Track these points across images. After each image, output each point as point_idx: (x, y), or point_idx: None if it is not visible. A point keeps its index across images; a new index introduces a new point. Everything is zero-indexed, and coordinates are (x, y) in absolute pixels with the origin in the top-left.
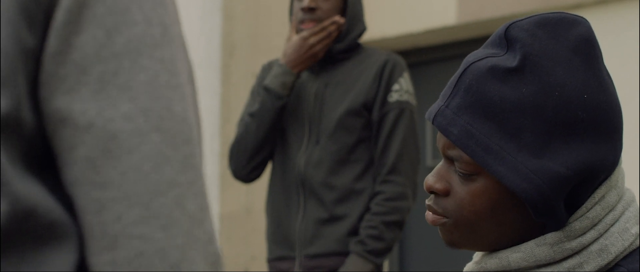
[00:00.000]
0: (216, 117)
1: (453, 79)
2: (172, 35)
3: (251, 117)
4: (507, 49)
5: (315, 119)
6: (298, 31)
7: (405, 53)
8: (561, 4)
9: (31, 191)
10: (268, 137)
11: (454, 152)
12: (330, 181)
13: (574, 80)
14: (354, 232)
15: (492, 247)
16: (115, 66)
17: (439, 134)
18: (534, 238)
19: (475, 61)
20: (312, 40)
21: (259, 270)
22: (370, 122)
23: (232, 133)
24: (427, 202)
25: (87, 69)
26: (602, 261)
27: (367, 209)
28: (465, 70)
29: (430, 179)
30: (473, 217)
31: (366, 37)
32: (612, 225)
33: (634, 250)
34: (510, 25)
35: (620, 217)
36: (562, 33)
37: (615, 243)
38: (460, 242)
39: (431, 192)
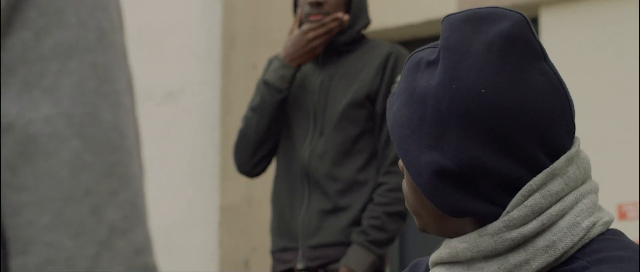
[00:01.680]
0: (216, 109)
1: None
2: (110, 41)
3: (252, 111)
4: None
5: (320, 111)
6: (303, 24)
7: (406, 44)
8: None
9: None
10: (270, 131)
11: None
12: (334, 172)
13: (475, 75)
14: (356, 222)
15: (450, 234)
16: (42, 68)
17: None
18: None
19: (415, 53)
20: (311, 35)
21: (260, 261)
22: (373, 114)
23: (232, 125)
24: None
25: (13, 71)
26: (549, 257)
27: (370, 200)
28: (407, 60)
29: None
30: (412, 209)
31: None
32: (561, 218)
33: (593, 239)
34: (444, 18)
35: (571, 209)
36: (483, 28)
37: (563, 239)
38: (424, 229)
39: None
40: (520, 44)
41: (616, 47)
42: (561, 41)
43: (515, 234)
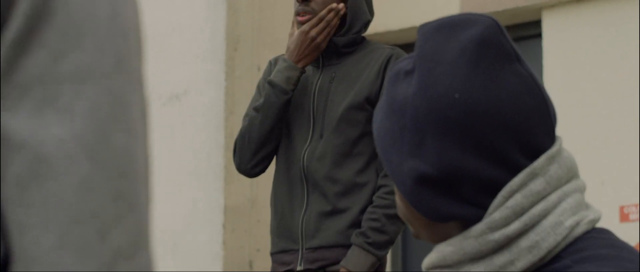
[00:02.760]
0: (221, 110)
1: None
2: (126, 68)
3: (255, 111)
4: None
5: (320, 113)
6: (297, 25)
7: (409, 46)
8: None
9: None
10: (272, 132)
11: None
12: (333, 174)
13: (449, 80)
14: (355, 224)
15: (440, 239)
16: (57, 90)
17: None
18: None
19: (395, 64)
20: (313, 32)
21: (263, 262)
22: (373, 116)
23: (236, 125)
24: None
25: (29, 91)
26: (533, 257)
27: (369, 202)
28: (388, 72)
29: None
30: (404, 217)
31: (370, 30)
32: (544, 218)
33: (577, 239)
34: (419, 28)
35: (554, 209)
36: (455, 34)
37: (547, 238)
38: (418, 236)
39: None
40: (492, 47)
41: (618, 49)
42: (563, 43)
43: (498, 235)
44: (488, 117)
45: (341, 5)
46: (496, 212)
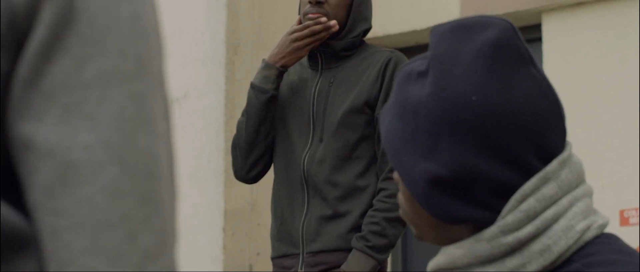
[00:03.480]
0: (221, 114)
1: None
2: (148, 70)
3: (242, 115)
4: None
5: (319, 117)
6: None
7: (409, 50)
8: (562, 1)
9: None
10: (259, 134)
11: None
12: (333, 178)
13: (465, 82)
14: (356, 228)
15: (446, 242)
16: (82, 96)
17: None
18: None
19: (406, 65)
20: (293, 36)
21: (264, 266)
22: (372, 120)
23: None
24: None
25: (54, 97)
26: (545, 260)
27: (370, 205)
28: (398, 72)
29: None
30: (408, 219)
31: (369, 34)
32: (555, 222)
33: (587, 243)
34: (432, 29)
35: (565, 213)
36: (471, 36)
37: (558, 242)
38: (421, 238)
39: None
40: (507, 50)
41: (618, 52)
42: (563, 47)
43: (511, 238)
44: (504, 120)
45: (333, 22)
46: (509, 215)
